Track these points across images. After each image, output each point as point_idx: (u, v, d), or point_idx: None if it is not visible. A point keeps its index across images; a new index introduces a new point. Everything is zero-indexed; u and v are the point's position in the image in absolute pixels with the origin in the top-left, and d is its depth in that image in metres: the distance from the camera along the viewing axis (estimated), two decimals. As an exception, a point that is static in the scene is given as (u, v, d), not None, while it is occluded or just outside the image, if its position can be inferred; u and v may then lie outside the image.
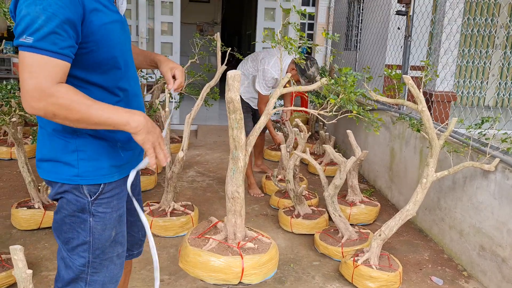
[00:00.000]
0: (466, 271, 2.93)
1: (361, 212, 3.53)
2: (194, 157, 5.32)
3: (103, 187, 1.45)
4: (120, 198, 1.53)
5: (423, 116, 2.64)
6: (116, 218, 1.52)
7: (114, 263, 1.56)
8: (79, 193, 1.43)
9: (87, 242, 1.47)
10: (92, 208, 1.45)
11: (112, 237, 1.52)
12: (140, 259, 2.85)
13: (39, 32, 1.19)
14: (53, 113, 1.23)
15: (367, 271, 2.60)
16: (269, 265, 2.08)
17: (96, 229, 1.46)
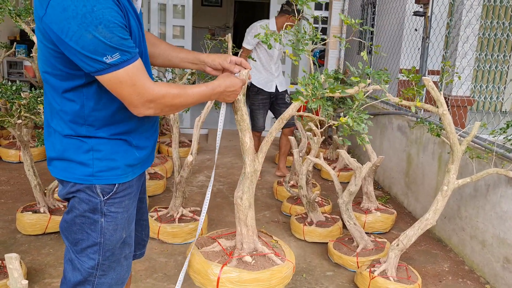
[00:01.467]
0: (489, 284, 2.77)
1: (376, 220, 3.39)
2: (204, 162, 5.22)
3: (117, 187, 1.42)
4: (132, 198, 1.50)
5: (444, 120, 2.51)
6: (127, 218, 1.49)
7: (121, 265, 1.52)
8: (92, 192, 1.40)
9: (97, 243, 1.43)
10: (104, 208, 1.41)
11: (123, 238, 1.48)
12: (147, 267, 2.75)
13: (111, 49, 1.19)
14: (161, 110, 1.35)
15: (384, 283, 2.47)
16: (254, 286, 1.93)
17: (108, 229, 1.43)
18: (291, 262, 2.06)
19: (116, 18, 1.18)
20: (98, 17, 1.15)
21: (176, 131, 3.24)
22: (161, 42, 1.69)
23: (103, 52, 1.18)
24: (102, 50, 1.17)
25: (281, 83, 4.62)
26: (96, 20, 1.14)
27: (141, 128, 1.46)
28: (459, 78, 2.61)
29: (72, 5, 1.13)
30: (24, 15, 2.52)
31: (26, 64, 7.06)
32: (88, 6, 1.14)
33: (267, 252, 2.03)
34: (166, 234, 3.05)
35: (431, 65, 4.33)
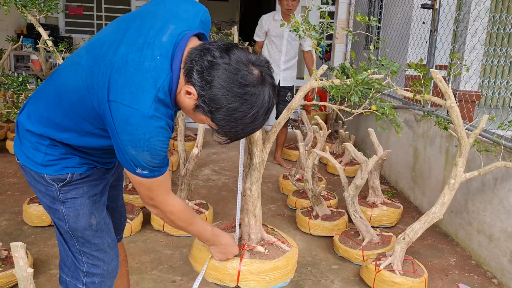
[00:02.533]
0: (496, 278, 2.75)
1: (382, 214, 3.37)
2: (209, 156, 5.22)
3: (71, 176, 1.42)
4: (93, 185, 1.48)
5: (452, 112, 2.48)
6: (90, 204, 1.47)
7: (107, 254, 1.53)
8: (45, 181, 1.42)
9: (68, 231, 1.46)
10: (60, 195, 1.42)
11: (94, 225, 1.48)
12: (152, 259, 2.75)
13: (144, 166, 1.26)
14: (161, 218, 1.43)
15: (390, 276, 2.45)
16: (274, 274, 1.91)
17: (70, 216, 1.44)
18: (296, 247, 2.06)
19: (163, 148, 1.25)
20: (149, 147, 1.21)
21: (181, 124, 3.23)
22: None
23: (137, 165, 1.26)
24: (136, 164, 1.25)
25: (286, 78, 4.52)
26: (146, 148, 1.21)
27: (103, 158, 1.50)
28: (467, 70, 2.58)
29: (135, 126, 1.19)
30: (30, 6, 2.51)
31: (33, 57, 7.08)
32: (146, 136, 1.20)
33: (274, 241, 2.02)
34: (171, 227, 3.04)
35: (438, 59, 4.29)
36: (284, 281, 1.98)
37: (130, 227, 3.01)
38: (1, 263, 2.40)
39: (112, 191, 1.69)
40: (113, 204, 1.72)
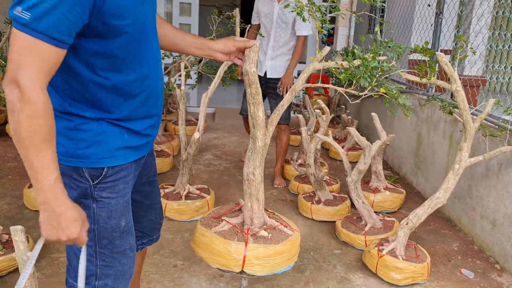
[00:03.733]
0: (499, 263, 2.74)
1: (385, 199, 3.35)
2: (211, 140, 5.19)
3: (107, 170, 1.29)
4: (127, 182, 1.37)
5: (457, 96, 2.44)
6: (124, 205, 1.37)
7: (127, 257, 1.41)
8: (79, 176, 1.27)
9: (91, 230, 1.32)
10: (95, 193, 1.29)
11: (122, 227, 1.37)
12: (153, 244, 2.73)
13: (38, 8, 1.01)
14: (13, 108, 1.04)
15: (392, 261, 2.44)
16: (279, 259, 1.90)
17: (101, 216, 1.32)
18: (298, 231, 2.04)
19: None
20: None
21: (182, 108, 3.20)
22: (166, 23, 1.55)
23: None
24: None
25: (274, 68, 3.72)
26: None
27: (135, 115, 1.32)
28: (474, 53, 2.53)
29: None
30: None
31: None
32: None
33: (277, 225, 2.00)
34: (173, 211, 3.04)
35: (443, 43, 4.22)
36: (288, 265, 1.97)
37: (131, 211, 2.99)
38: (2, 247, 2.40)
39: (148, 187, 1.59)
40: (148, 201, 1.60)
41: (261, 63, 3.73)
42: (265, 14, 3.70)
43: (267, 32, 3.71)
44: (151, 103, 1.36)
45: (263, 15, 3.71)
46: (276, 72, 3.73)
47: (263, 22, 3.74)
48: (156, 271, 2.46)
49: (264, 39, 3.72)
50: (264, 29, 3.75)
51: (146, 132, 1.37)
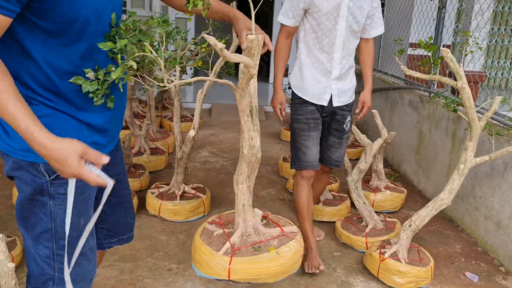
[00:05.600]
0: (504, 266, 2.66)
1: (386, 199, 3.26)
2: (207, 137, 5.09)
3: None
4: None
5: (463, 94, 2.34)
6: (82, 203, 1.29)
7: (87, 258, 1.33)
8: (35, 171, 1.20)
9: (49, 229, 1.25)
10: (51, 189, 1.22)
11: (81, 226, 1.29)
12: (147, 246, 2.65)
13: None
14: None
15: (395, 265, 2.35)
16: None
17: (58, 214, 1.24)
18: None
19: None
20: None
21: (177, 105, 3.09)
22: None
23: None
24: None
25: (343, 92, 2.51)
26: None
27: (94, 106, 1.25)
28: (480, 49, 2.44)
29: None
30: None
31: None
32: None
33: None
34: (167, 212, 2.94)
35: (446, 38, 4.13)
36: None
37: (124, 212, 2.89)
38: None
39: (115, 185, 1.50)
40: (116, 199, 1.52)
41: (324, 88, 2.46)
42: (328, 10, 2.28)
43: (328, 38, 2.35)
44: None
45: (323, 10, 2.28)
46: (346, 97, 2.54)
47: (321, 22, 2.31)
48: (150, 275, 2.36)
49: (324, 48, 2.39)
50: (321, 32, 2.35)
51: (105, 126, 1.31)
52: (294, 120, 2.51)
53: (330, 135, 2.60)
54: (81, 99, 1.22)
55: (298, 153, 2.51)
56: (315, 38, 2.38)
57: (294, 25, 2.40)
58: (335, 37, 2.36)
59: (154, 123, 4.29)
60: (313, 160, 2.50)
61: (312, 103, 2.48)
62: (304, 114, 2.49)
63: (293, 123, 2.53)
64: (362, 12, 2.37)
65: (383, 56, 5.40)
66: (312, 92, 2.46)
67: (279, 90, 2.52)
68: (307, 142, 2.48)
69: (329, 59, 2.41)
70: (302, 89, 2.49)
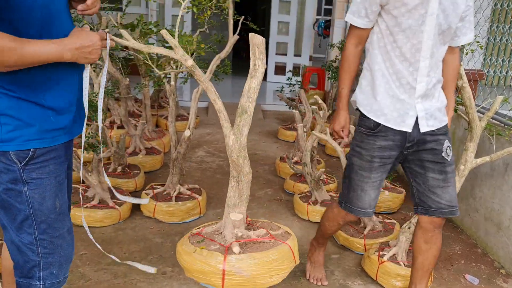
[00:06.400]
0: (504, 268, 2.62)
1: (384, 200, 3.22)
2: (204, 136, 5.03)
3: (34, 151, 1.27)
4: (59, 164, 1.35)
5: (463, 93, 2.30)
6: (56, 185, 1.34)
7: (66, 240, 1.41)
8: (7, 160, 1.25)
9: (28, 216, 1.31)
10: (24, 174, 1.27)
11: (58, 208, 1.35)
12: (141, 248, 2.60)
13: None
14: None
15: (394, 268, 2.31)
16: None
17: (34, 198, 1.30)
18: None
19: None
20: None
21: (172, 104, 3.03)
22: None
23: None
24: None
25: (431, 114, 1.90)
26: None
27: (55, 87, 1.31)
28: (480, 47, 2.39)
29: None
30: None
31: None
32: None
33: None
34: (162, 213, 2.89)
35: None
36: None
37: (118, 213, 2.84)
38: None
39: None
40: None
41: (407, 109, 1.86)
42: (412, 5, 1.74)
43: (411, 43, 1.78)
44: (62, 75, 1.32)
45: (404, 8, 1.74)
46: (437, 119, 1.91)
47: (403, 23, 1.76)
48: (143, 279, 2.31)
49: (405, 56, 1.81)
50: (403, 35, 1.79)
51: (69, 108, 1.36)
52: (355, 152, 1.97)
53: (427, 171, 1.92)
54: (43, 84, 1.27)
55: (351, 193, 2.01)
56: (393, 42, 1.79)
57: (367, 26, 1.85)
58: (421, 41, 1.76)
59: (150, 122, 4.23)
60: (368, 206, 2.02)
61: (388, 134, 1.86)
62: (370, 149, 1.91)
63: (352, 155, 1.98)
64: (456, 10, 1.79)
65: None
66: (389, 114, 1.84)
67: (342, 110, 2.02)
68: (365, 184, 1.96)
69: (412, 70, 1.80)
70: (375, 110, 1.87)
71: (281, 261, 2.05)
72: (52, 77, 1.29)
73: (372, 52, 1.89)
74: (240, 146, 2.00)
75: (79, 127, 1.44)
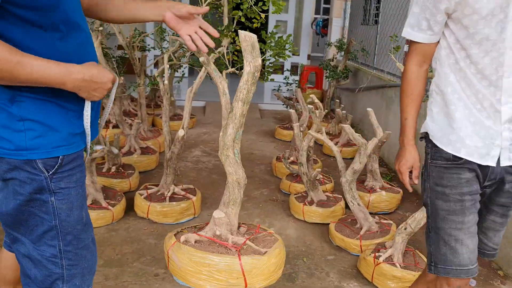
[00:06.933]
0: (502, 270, 2.58)
1: (381, 200, 3.18)
2: (200, 136, 4.99)
3: (62, 158, 1.19)
4: (83, 171, 1.29)
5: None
6: (82, 195, 1.28)
7: (91, 251, 1.33)
8: (33, 168, 1.15)
9: (53, 227, 1.21)
10: (52, 184, 1.18)
11: (84, 218, 1.28)
12: (134, 250, 2.56)
13: None
14: None
15: (389, 270, 2.27)
16: None
17: (62, 209, 1.21)
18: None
19: None
20: None
21: (166, 103, 3.00)
22: None
23: None
24: None
25: None
26: None
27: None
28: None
29: None
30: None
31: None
32: None
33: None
34: (156, 214, 2.85)
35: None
36: None
37: (111, 214, 2.81)
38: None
39: None
40: None
41: (488, 138, 1.48)
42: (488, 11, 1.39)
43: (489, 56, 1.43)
44: None
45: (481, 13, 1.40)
46: None
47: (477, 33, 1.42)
48: (135, 281, 2.28)
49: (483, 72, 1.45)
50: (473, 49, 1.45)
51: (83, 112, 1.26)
52: (436, 194, 1.54)
53: (489, 213, 1.60)
54: None
55: (443, 248, 1.54)
56: (466, 57, 1.45)
57: (432, 40, 1.51)
58: (503, 53, 1.41)
59: (145, 121, 4.19)
60: (469, 262, 1.53)
61: (469, 165, 1.49)
62: (457, 185, 1.50)
63: (433, 198, 1.55)
64: None
65: (379, 53, 5.31)
66: (472, 145, 1.47)
67: (409, 146, 1.63)
68: (459, 233, 1.50)
69: (494, 90, 1.44)
70: (452, 141, 1.49)
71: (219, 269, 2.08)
72: None
73: (440, 71, 1.52)
74: (224, 144, 1.98)
75: (95, 130, 1.34)
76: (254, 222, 3.00)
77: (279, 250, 2.18)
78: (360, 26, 6.47)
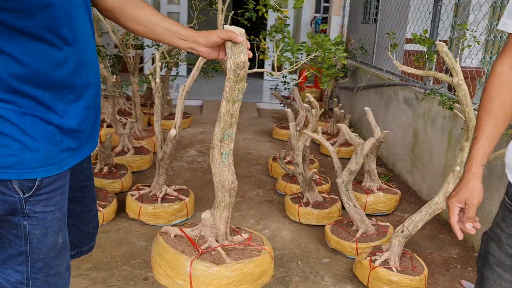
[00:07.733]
0: (502, 273, 2.51)
1: (379, 201, 3.11)
2: (196, 135, 4.92)
3: (41, 181, 1.06)
4: (64, 192, 1.15)
5: (459, 91, 2.19)
6: (61, 219, 1.15)
7: (63, 277, 1.20)
8: (6, 188, 1.04)
9: (22, 252, 1.10)
10: (26, 207, 1.06)
11: (59, 244, 1.15)
12: (124, 253, 2.49)
13: None
14: None
15: (386, 274, 2.20)
16: None
17: (34, 235, 1.09)
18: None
19: None
20: None
21: (158, 102, 2.93)
22: (146, 5, 1.30)
23: None
24: None
25: None
26: None
27: (64, 104, 1.08)
28: (478, 43, 2.29)
29: None
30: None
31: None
32: None
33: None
34: (147, 215, 2.78)
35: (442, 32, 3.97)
36: None
37: (102, 215, 2.74)
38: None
39: (79, 193, 1.36)
40: (79, 208, 1.37)
41: None
42: None
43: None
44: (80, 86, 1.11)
45: None
46: None
47: None
48: (124, 285, 2.21)
49: None
50: None
51: (78, 128, 1.13)
52: (494, 234, 1.27)
53: None
54: (50, 97, 1.05)
55: None
56: None
57: None
58: None
59: (140, 121, 4.13)
60: None
61: None
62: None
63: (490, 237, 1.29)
64: None
65: (377, 51, 5.24)
66: None
67: (469, 174, 1.22)
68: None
69: None
70: None
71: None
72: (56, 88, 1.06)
73: None
74: (212, 144, 1.91)
75: (91, 146, 1.23)
76: (249, 224, 2.93)
77: (242, 265, 2.03)
78: (359, 24, 6.39)
